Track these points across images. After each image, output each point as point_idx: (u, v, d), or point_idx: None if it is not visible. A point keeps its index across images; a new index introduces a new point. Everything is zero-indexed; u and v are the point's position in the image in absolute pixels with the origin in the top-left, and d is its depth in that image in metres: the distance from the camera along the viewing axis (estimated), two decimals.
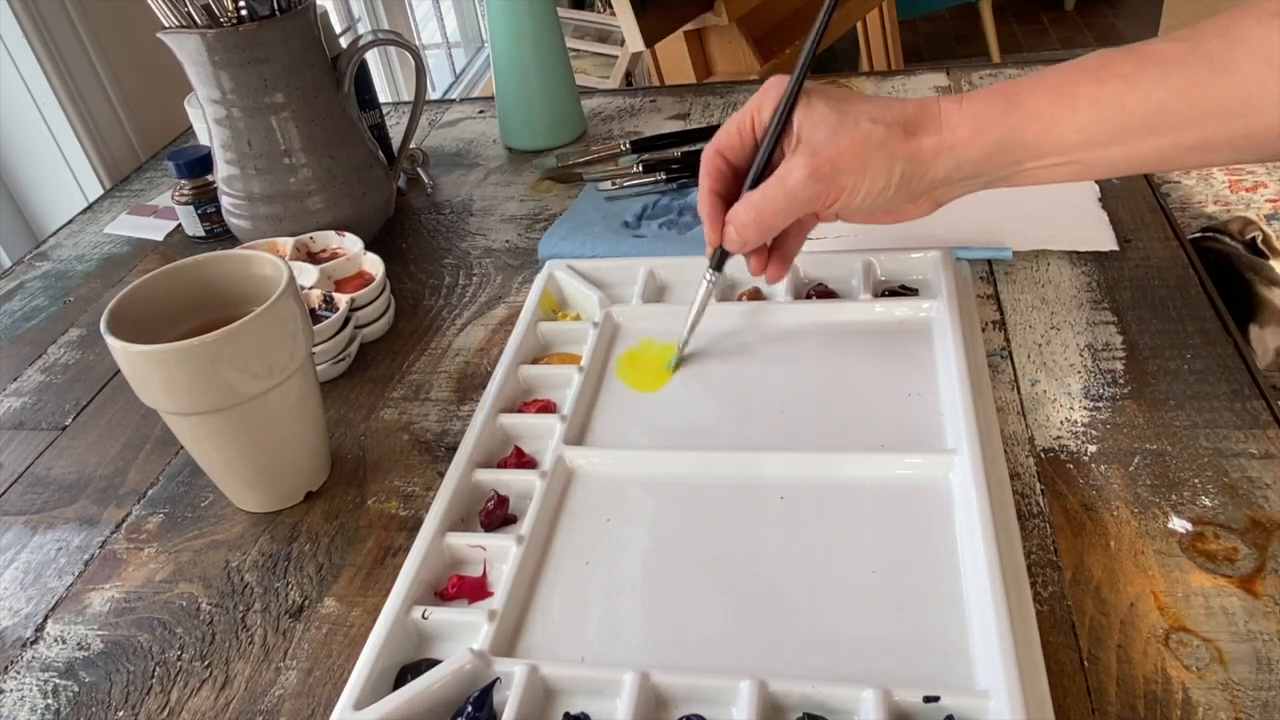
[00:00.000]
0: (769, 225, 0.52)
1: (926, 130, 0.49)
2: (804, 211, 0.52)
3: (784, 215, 0.52)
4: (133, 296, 0.50)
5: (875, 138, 0.48)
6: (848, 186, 0.50)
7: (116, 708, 0.45)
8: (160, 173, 1.00)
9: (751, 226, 0.52)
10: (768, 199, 0.51)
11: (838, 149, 0.49)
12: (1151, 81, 0.44)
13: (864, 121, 0.49)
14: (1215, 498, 0.47)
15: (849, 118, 0.49)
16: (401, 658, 0.44)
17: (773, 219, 0.52)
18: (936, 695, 0.39)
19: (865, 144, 0.49)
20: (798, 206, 0.51)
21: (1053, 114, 0.46)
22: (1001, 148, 0.48)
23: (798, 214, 0.52)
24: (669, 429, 0.56)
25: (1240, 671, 0.40)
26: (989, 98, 0.48)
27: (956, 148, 0.48)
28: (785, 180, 0.50)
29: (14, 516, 0.58)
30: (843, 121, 0.49)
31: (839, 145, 0.49)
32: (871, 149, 0.49)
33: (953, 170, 0.49)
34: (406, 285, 0.74)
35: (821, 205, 0.51)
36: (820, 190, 0.50)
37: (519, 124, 0.92)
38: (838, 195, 0.50)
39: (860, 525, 0.48)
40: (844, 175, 0.49)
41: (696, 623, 0.44)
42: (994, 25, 2.69)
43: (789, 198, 0.50)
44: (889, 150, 0.49)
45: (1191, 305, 0.60)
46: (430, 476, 0.56)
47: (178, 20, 0.68)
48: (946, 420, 0.52)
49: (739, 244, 0.54)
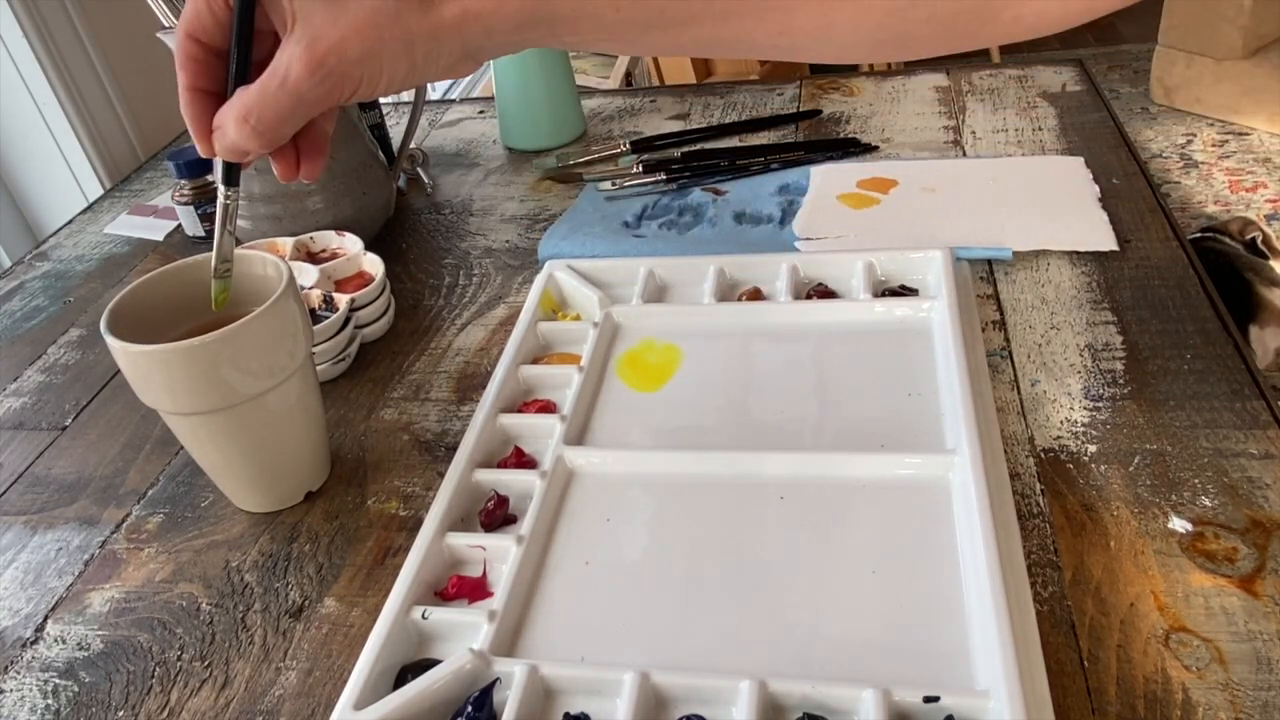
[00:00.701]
0: (274, 135, 0.42)
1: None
2: (317, 112, 0.43)
3: (291, 119, 0.42)
4: (133, 296, 0.50)
5: (385, 15, 0.40)
6: (363, 77, 0.42)
7: (116, 708, 0.45)
8: (160, 173, 1.00)
9: (253, 137, 0.42)
10: (268, 104, 0.41)
11: (341, 33, 0.40)
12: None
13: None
14: (1215, 498, 0.47)
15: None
16: (401, 658, 0.44)
17: (278, 127, 0.42)
18: (936, 695, 0.39)
19: (374, 23, 0.40)
20: (306, 108, 0.42)
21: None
22: (534, 19, 0.42)
23: (310, 115, 0.43)
24: (669, 429, 0.56)
25: (1240, 671, 0.40)
26: None
27: (484, 16, 0.41)
28: (285, 80, 0.41)
29: (14, 516, 0.58)
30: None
31: (342, 28, 0.40)
32: (384, 29, 0.40)
33: (483, 38, 0.42)
34: (406, 285, 0.74)
35: (335, 100, 0.42)
36: (331, 86, 0.41)
37: (519, 124, 0.92)
38: (355, 87, 0.42)
39: (860, 525, 0.48)
40: (354, 65, 0.41)
41: (696, 623, 0.44)
42: None
43: (294, 100, 0.41)
44: (403, 28, 0.41)
45: (1191, 305, 0.60)
46: (430, 476, 0.56)
47: (178, 20, 0.68)
48: (946, 420, 0.52)
49: (238, 153, 0.43)
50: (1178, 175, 1.21)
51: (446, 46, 0.42)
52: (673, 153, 0.84)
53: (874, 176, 0.78)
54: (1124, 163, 0.76)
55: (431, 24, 0.41)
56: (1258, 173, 2.12)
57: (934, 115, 0.88)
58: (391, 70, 0.42)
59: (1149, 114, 2.51)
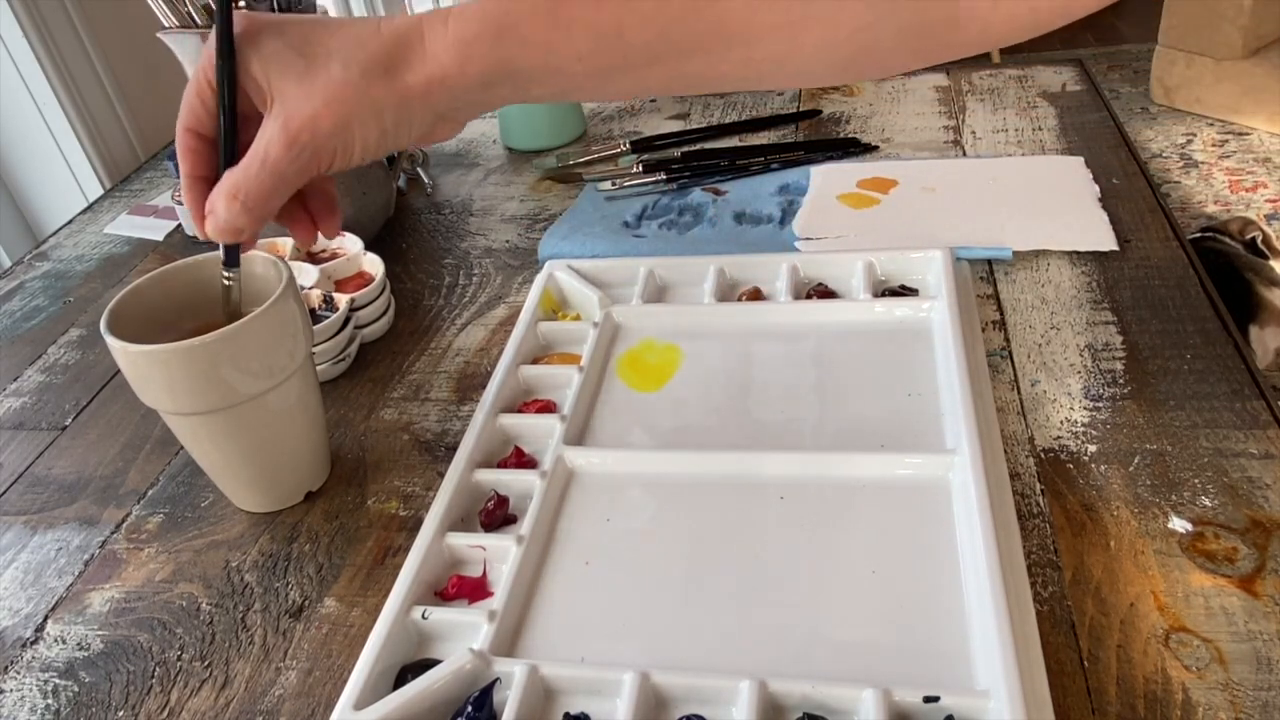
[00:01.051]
0: (263, 210, 0.44)
1: (409, 65, 0.42)
2: (301, 183, 0.44)
3: (275, 194, 0.44)
4: (133, 296, 0.50)
5: (352, 88, 0.41)
6: (337, 148, 0.43)
7: (116, 708, 0.45)
8: (160, 173, 1.00)
9: (241, 213, 0.43)
10: (252, 181, 0.43)
11: (312, 109, 0.41)
12: (650, 5, 0.40)
13: (335, 68, 0.41)
14: (1215, 498, 0.47)
15: (319, 64, 0.42)
16: (401, 658, 0.44)
17: (265, 202, 0.43)
18: (936, 695, 0.39)
19: (342, 98, 0.41)
20: (285, 183, 0.43)
21: (547, 41, 0.41)
22: (498, 77, 0.42)
23: (293, 189, 0.44)
24: (669, 429, 0.55)
25: (1240, 671, 0.40)
26: (479, 23, 0.42)
27: (448, 81, 0.42)
28: (266, 158, 0.42)
29: (14, 516, 0.58)
30: (312, 69, 0.42)
31: (314, 104, 0.41)
32: (352, 102, 0.41)
33: (452, 101, 0.43)
34: (406, 285, 0.74)
35: (315, 171, 0.44)
36: (308, 160, 0.43)
37: (519, 124, 0.92)
38: (331, 158, 0.43)
39: (860, 525, 0.48)
40: (327, 138, 0.42)
41: (696, 623, 0.44)
42: None
43: (275, 176, 0.43)
44: (371, 100, 0.42)
45: (1191, 305, 0.60)
46: (430, 476, 0.56)
47: (178, 20, 0.68)
48: (946, 420, 0.52)
49: (231, 233, 0.45)
50: (1178, 175, 1.21)
51: (416, 113, 0.43)
52: (673, 153, 0.84)
53: (874, 176, 0.78)
54: (1124, 163, 0.76)
55: (398, 93, 0.42)
56: (1258, 173, 2.12)
57: (934, 115, 0.88)
58: (364, 139, 0.43)
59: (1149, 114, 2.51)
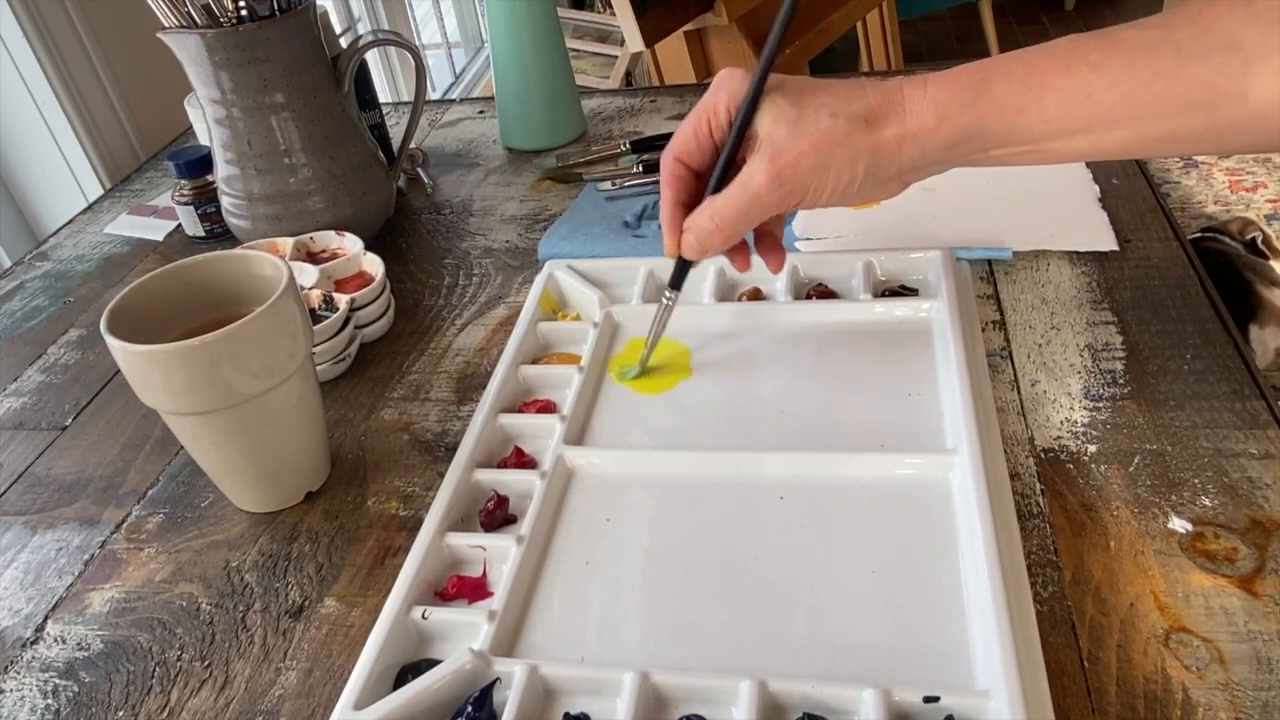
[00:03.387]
0: (732, 232, 0.51)
1: (889, 119, 0.47)
2: (769, 215, 0.50)
3: (747, 220, 0.50)
4: (133, 296, 0.50)
5: (836, 134, 0.47)
6: (811, 186, 0.48)
7: (116, 708, 0.45)
8: (160, 173, 1.00)
9: (714, 233, 0.51)
10: (730, 205, 0.49)
11: (799, 149, 0.47)
12: (1119, 71, 0.43)
13: (824, 117, 0.47)
14: (1215, 498, 0.47)
15: (808, 112, 0.47)
16: (401, 658, 0.44)
17: (736, 224, 0.50)
18: (936, 695, 0.39)
19: (827, 141, 0.47)
20: (761, 211, 0.49)
21: (1019, 104, 0.45)
22: (967, 135, 0.47)
23: (762, 218, 0.50)
24: (669, 429, 0.55)
25: (1240, 671, 0.40)
26: (955, 85, 0.47)
27: (921, 136, 0.47)
28: (748, 186, 0.48)
29: (14, 516, 0.58)
30: (802, 117, 0.47)
31: (800, 145, 0.47)
32: (834, 146, 0.47)
33: (918, 158, 0.48)
34: (406, 285, 0.74)
35: (787, 206, 0.50)
36: (785, 193, 0.48)
37: (519, 124, 0.92)
38: (802, 195, 0.49)
39: (860, 525, 0.48)
40: (807, 176, 0.48)
41: (696, 623, 0.44)
42: (994, 25, 2.69)
43: (752, 203, 0.49)
44: (851, 146, 0.47)
45: (1191, 305, 0.60)
46: (430, 476, 0.56)
47: (178, 20, 0.68)
48: (946, 420, 0.52)
49: (699, 251, 0.52)
50: (1178, 175, 1.21)
51: (885, 164, 0.48)
52: None
53: None
54: (1124, 163, 0.76)
55: (874, 142, 0.47)
56: (1258, 173, 2.12)
57: None
58: (835, 182, 0.48)
59: None
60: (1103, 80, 0.44)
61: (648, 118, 0.96)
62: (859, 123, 0.47)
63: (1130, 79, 0.43)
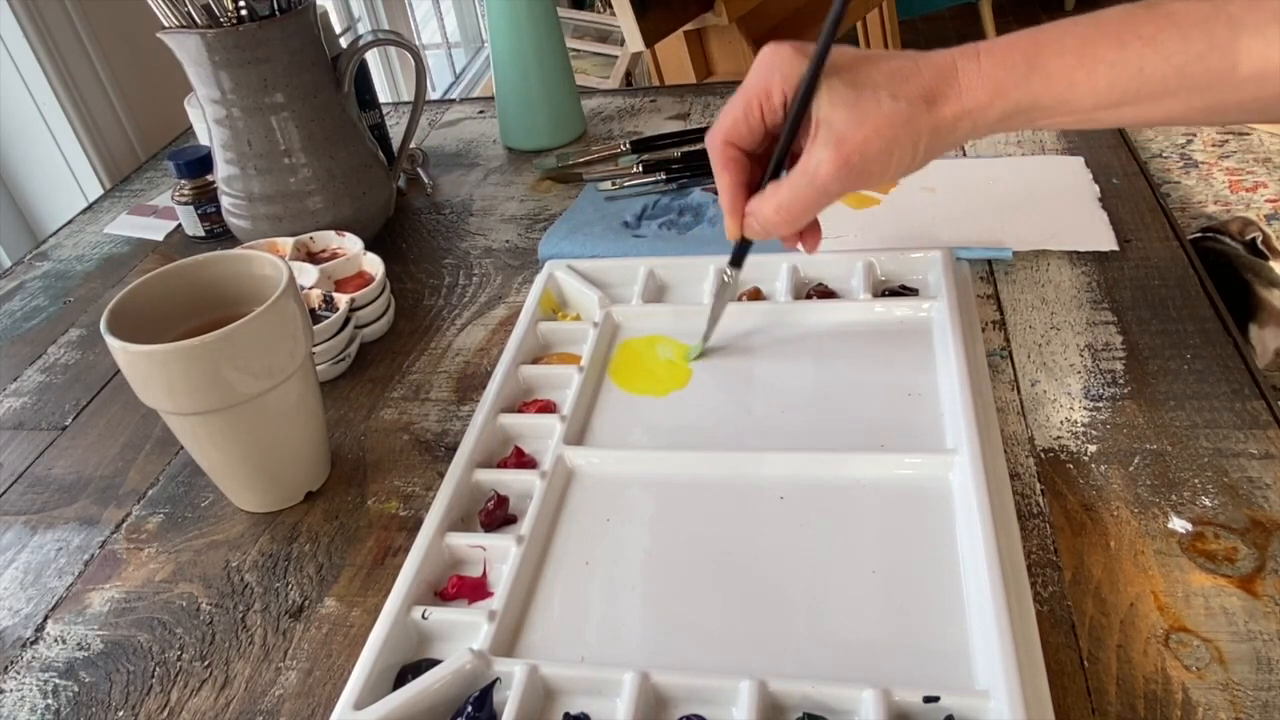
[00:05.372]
0: (799, 220, 0.50)
1: (947, 98, 0.47)
2: (835, 200, 0.50)
3: (815, 209, 0.50)
4: (133, 296, 0.50)
5: (900, 116, 0.46)
6: (876, 170, 0.48)
7: (116, 708, 0.45)
8: (160, 173, 1.00)
9: (781, 224, 0.51)
10: (797, 195, 0.49)
11: (863, 135, 0.47)
12: (1173, 44, 0.43)
13: (885, 100, 0.47)
14: (1215, 498, 0.47)
15: (867, 94, 0.47)
16: (401, 658, 0.44)
17: (803, 214, 0.50)
18: (936, 695, 0.39)
19: (891, 124, 0.47)
20: (828, 199, 0.49)
21: (1071, 79, 0.45)
22: (1019, 109, 0.47)
23: (829, 204, 0.50)
24: (669, 429, 0.55)
25: (1240, 671, 0.40)
26: (1008, 60, 0.46)
27: (975, 112, 0.47)
28: (815, 175, 0.48)
29: (14, 516, 0.58)
30: (861, 99, 0.47)
31: (864, 130, 0.47)
32: (898, 129, 0.47)
33: (970, 131, 0.48)
34: (406, 285, 0.74)
35: (853, 190, 0.50)
36: (850, 179, 0.48)
37: (519, 124, 0.92)
38: (868, 179, 0.49)
39: (860, 525, 0.48)
40: (873, 161, 0.47)
41: (696, 623, 0.44)
42: (994, 25, 2.69)
43: (820, 192, 0.48)
44: (914, 128, 0.47)
45: (1191, 305, 0.60)
46: (430, 476, 0.56)
47: (178, 20, 0.68)
48: (946, 420, 0.52)
49: (762, 234, 0.52)
50: (1178, 175, 1.21)
51: (943, 140, 0.48)
52: (673, 153, 0.84)
53: None
54: (1124, 163, 0.76)
55: (934, 122, 0.47)
56: (1258, 173, 2.12)
57: None
58: (899, 163, 0.48)
59: None
60: (1156, 54, 0.44)
61: (648, 118, 0.96)
62: (919, 103, 0.47)
63: (1183, 52, 0.43)
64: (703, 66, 1.77)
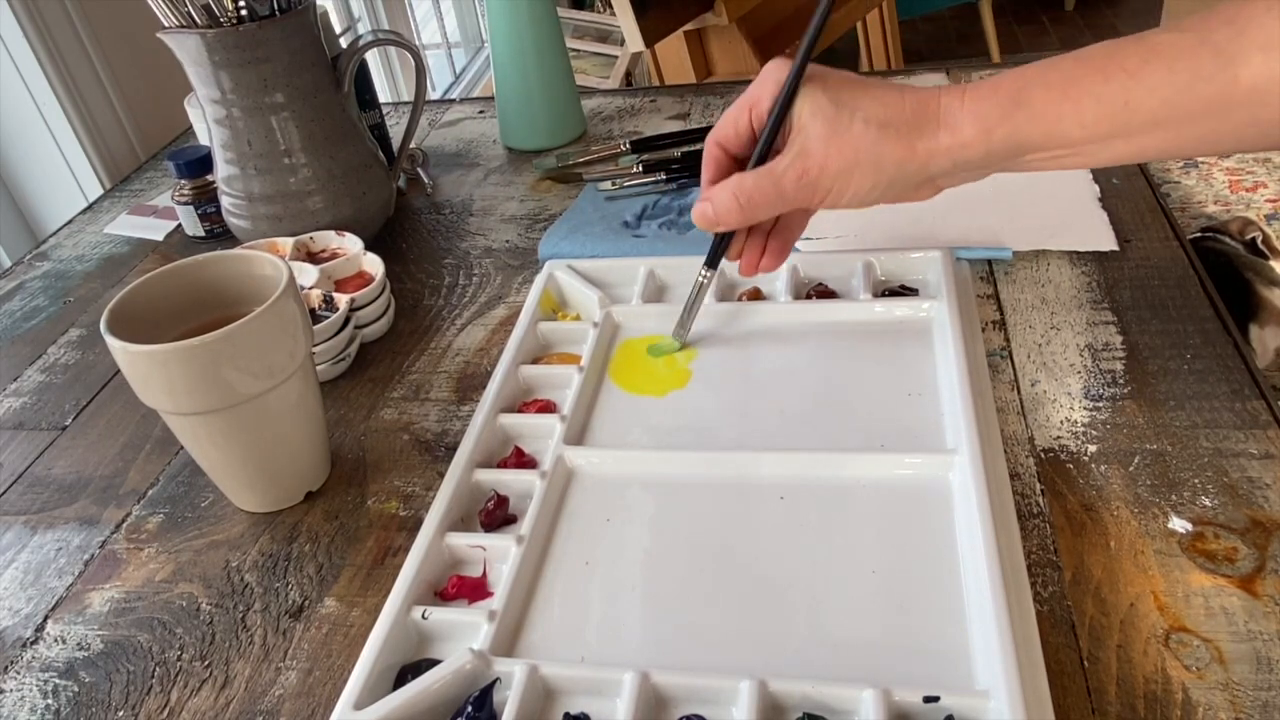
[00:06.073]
0: (752, 213, 0.51)
1: (924, 131, 0.47)
2: (790, 207, 0.51)
3: (769, 208, 0.51)
4: (133, 296, 0.50)
5: (866, 142, 0.48)
6: (834, 189, 0.49)
7: (116, 708, 0.45)
8: (160, 173, 1.00)
9: (734, 211, 0.51)
10: (757, 188, 0.50)
11: (827, 152, 0.48)
12: (1157, 76, 0.43)
13: (858, 122, 0.48)
14: (1215, 498, 0.47)
15: (844, 114, 0.48)
16: (401, 658, 0.44)
17: (757, 208, 0.51)
18: (936, 695, 0.39)
19: (855, 147, 0.48)
20: (783, 203, 0.51)
21: (1057, 113, 0.45)
22: (1005, 146, 0.47)
23: (784, 209, 0.52)
24: (669, 429, 0.55)
25: (1240, 671, 0.40)
26: (993, 96, 0.47)
27: (955, 150, 0.47)
28: (778, 178, 0.50)
29: (14, 516, 0.58)
30: (837, 117, 0.48)
31: (829, 148, 0.48)
32: (861, 153, 0.48)
33: (951, 168, 0.48)
34: (406, 285, 0.74)
35: (808, 204, 0.51)
36: (807, 190, 0.50)
37: (519, 124, 0.92)
38: (824, 195, 0.50)
39: (860, 525, 0.48)
40: (830, 179, 0.49)
41: (696, 623, 0.44)
42: (994, 25, 2.69)
43: (778, 194, 0.50)
44: (877, 155, 0.48)
45: (1191, 305, 0.60)
46: (430, 476, 0.56)
47: (178, 20, 0.68)
48: (946, 420, 0.52)
49: (711, 223, 0.53)
50: (1178, 175, 1.21)
51: (911, 174, 0.49)
52: (673, 153, 0.84)
53: None
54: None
55: (904, 154, 0.48)
56: (1258, 173, 2.12)
57: None
58: (858, 187, 0.49)
59: None
60: (1140, 86, 0.44)
61: (648, 118, 0.96)
62: (890, 132, 0.47)
63: (1168, 84, 0.43)
64: (703, 66, 1.78)
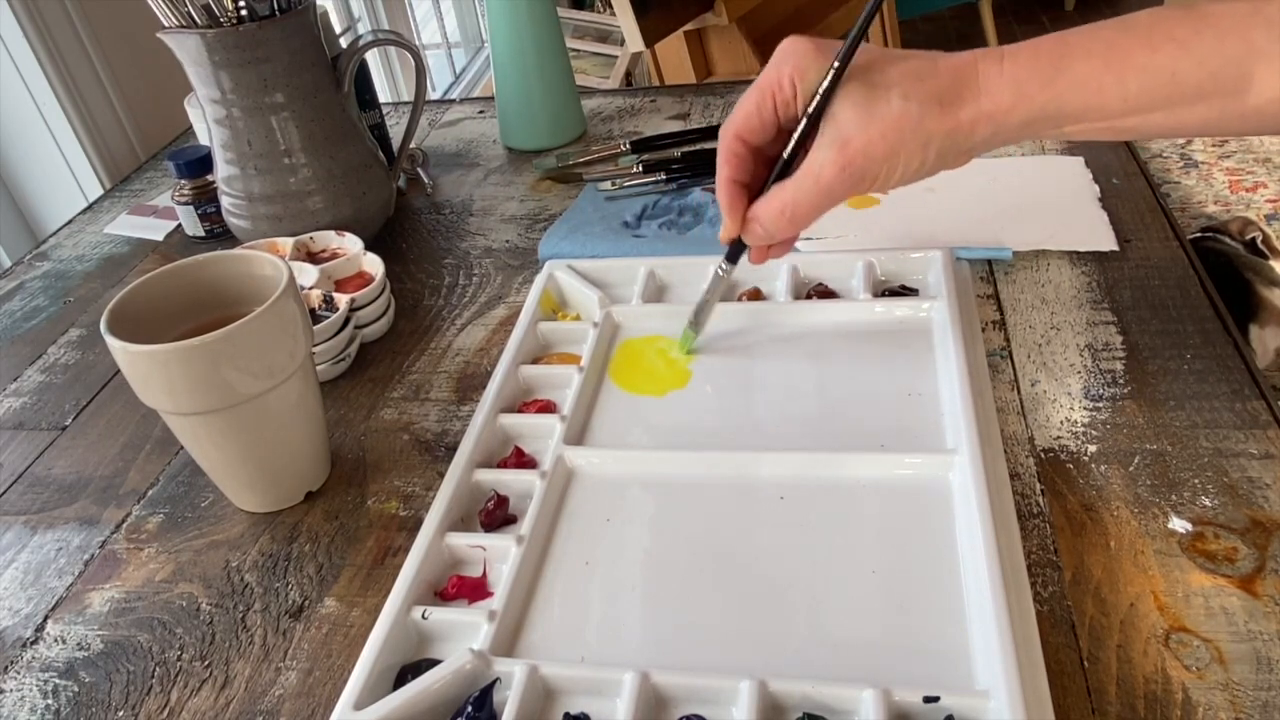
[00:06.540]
0: (802, 223, 0.49)
1: (964, 100, 0.45)
2: (839, 202, 0.48)
3: (818, 211, 0.48)
4: (133, 296, 0.50)
5: (910, 119, 0.45)
6: (882, 173, 0.46)
7: (116, 708, 0.45)
8: (160, 173, 1.00)
9: (785, 227, 0.49)
10: (804, 199, 0.47)
11: (868, 136, 0.45)
12: (1207, 47, 0.41)
13: (895, 100, 0.45)
14: (1215, 498, 0.47)
15: (878, 94, 0.45)
16: (401, 658, 0.44)
17: (807, 216, 0.48)
18: (936, 695, 0.39)
19: (899, 127, 0.45)
20: (832, 201, 0.47)
21: (1099, 84, 0.43)
22: (1044, 114, 0.45)
23: (832, 207, 0.48)
24: (669, 429, 0.55)
25: (1240, 671, 0.40)
26: (1033, 62, 0.44)
27: (996, 116, 0.45)
28: (819, 179, 0.46)
29: (14, 516, 0.58)
30: (872, 98, 0.45)
31: (870, 132, 0.45)
32: (906, 132, 0.45)
33: (990, 137, 0.46)
34: (406, 285, 0.74)
35: (858, 192, 0.48)
36: (854, 182, 0.46)
37: (519, 124, 0.92)
38: (872, 181, 0.47)
39: (860, 525, 0.48)
40: (878, 164, 0.46)
41: (696, 623, 0.44)
42: (994, 25, 2.69)
43: (824, 194, 0.47)
44: (924, 131, 0.45)
45: (1191, 305, 0.60)
46: (430, 476, 0.56)
47: (178, 20, 0.68)
48: (946, 420, 0.52)
49: (765, 239, 0.51)
50: (1178, 175, 1.21)
51: (958, 144, 0.46)
52: (673, 153, 0.84)
53: None
54: (1124, 163, 0.76)
55: (949, 125, 0.45)
56: (1258, 173, 2.12)
57: None
58: (906, 166, 0.46)
59: None
60: (1190, 58, 0.42)
61: (648, 118, 0.96)
62: (932, 105, 0.45)
63: (1218, 55, 0.41)
64: (703, 66, 1.78)
